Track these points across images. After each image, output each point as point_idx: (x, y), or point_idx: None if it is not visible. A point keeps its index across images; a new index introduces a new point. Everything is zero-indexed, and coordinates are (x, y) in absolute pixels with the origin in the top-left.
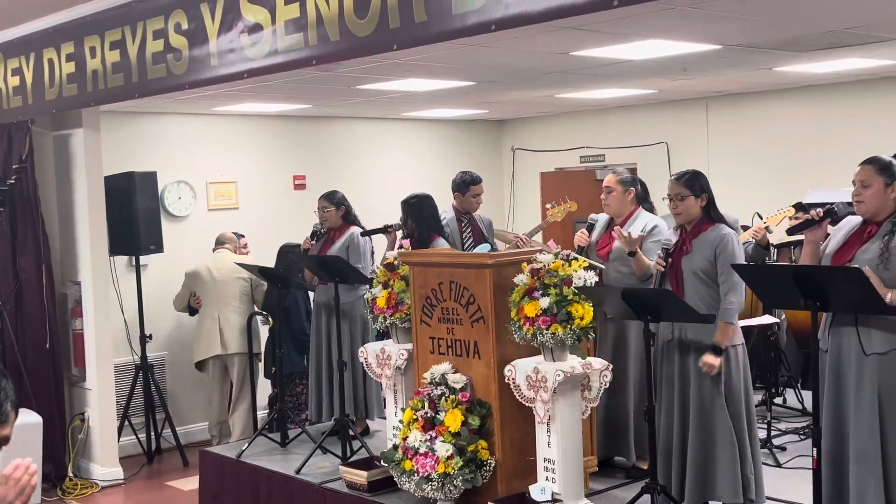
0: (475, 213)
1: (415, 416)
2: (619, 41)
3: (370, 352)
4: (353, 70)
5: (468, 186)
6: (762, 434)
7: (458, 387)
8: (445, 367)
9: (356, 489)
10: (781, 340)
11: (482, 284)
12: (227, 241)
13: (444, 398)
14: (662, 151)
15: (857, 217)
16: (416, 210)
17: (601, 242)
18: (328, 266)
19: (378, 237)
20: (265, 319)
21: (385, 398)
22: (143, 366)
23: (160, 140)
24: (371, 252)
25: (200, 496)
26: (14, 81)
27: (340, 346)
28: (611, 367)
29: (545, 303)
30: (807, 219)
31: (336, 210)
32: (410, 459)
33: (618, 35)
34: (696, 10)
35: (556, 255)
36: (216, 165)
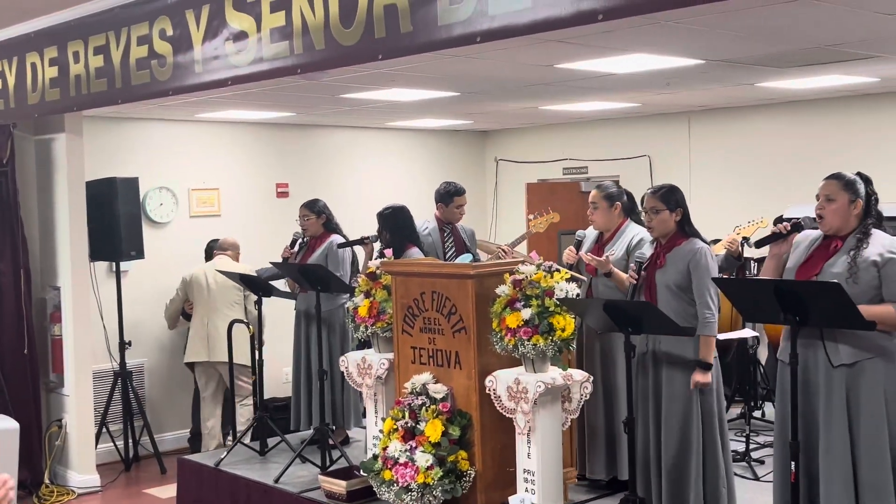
0: (458, 224)
1: (395, 426)
2: (604, 55)
3: (351, 361)
4: (338, 79)
5: (452, 197)
6: (741, 447)
7: (439, 397)
8: (426, 377)
9: (335, 499)
10: (760, 354)
11: (464, 295)
12: (229, 248)
13: (425, 408)
14: (645, 164)
15: (815, 232)
16: (391, 221)
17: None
18: (310, 274)
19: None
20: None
21: (365, 407)
22: (122, 372)
23: (143, 146)
24: (351, 261)
25: None
26: None
27: (321, 355)
28: (591, 379)
29: (527, 314)
30: (774, 232)
31: (317, 218)
32: (390, 469)
33: (602, 48)
34: (680, 26)
35: (539, 267)
36: (199, 172)
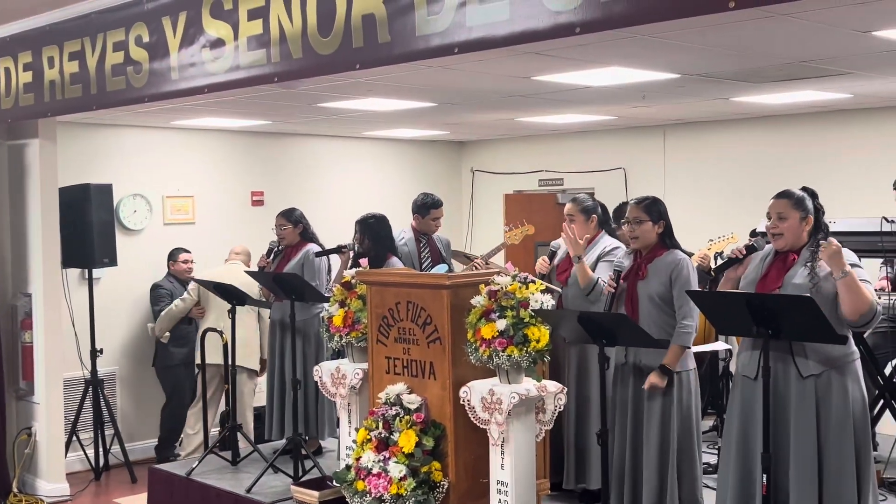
0: (434, 234)
1: (368, 437)
2: (580, 67)
3: (325, 371)
4: (315, 88)
5: (429, 209)
6: (713, 459)
7: (413, 407)
8: (400, 388)
9: None
10: (732, 367)
11: (439, 305)
12: (241, 252)
13: (399, 419)
14: (620, 177)
15: (765, 248)
16: (374, 230)
17: (561, 267)
18: (284, 283)
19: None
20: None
21: (338, 417)
22: (93, 380)
23: (117, 152)
24: (328, 270)
25: None
26: None
27: (295, 365)
28: (566, 391)
29: (502, 325)
30: (730, 258)
31: (294, 228)
32: (363, 480)
33: (579, 61)
34: (656, 40)
35: (514, 278)
36: (173, 179)
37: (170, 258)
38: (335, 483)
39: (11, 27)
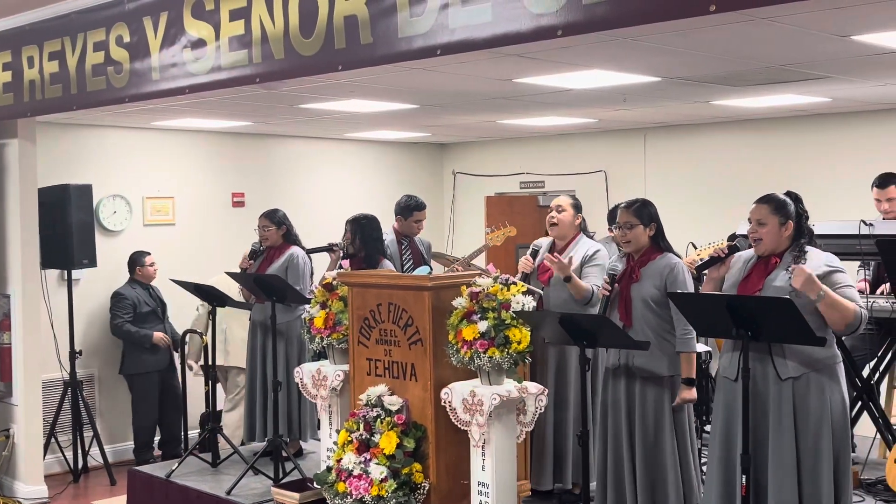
0: (415, 236)
1: (349, 438)
2: (562, 70)
3: (306, 372)
4: (296, 89)
5: (412, 211)
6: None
7: (394, 409)
8: (382, 389)
9: None
10: (712, 368)
11: (421, 307)
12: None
13: (380, 420)
14: (601, 179)
15: (749, 251)
16: (366, 230)
17: (542, 267)
18: (266, 285)
19: (321, 255)
20: (200, 336)
21: (320, 419)
22: (72, 382)
23: (97, 153)
24: (311, 273)
25: None
26: None
27: (276, 366)
28: (546, 392)
29: (483, 326)
30: (712, 256)
31: (277, 229)
32: (344, 481)
33: (560, 64)
34: (638, 43)
35: (495, 279)
36: (153, 180)
37: (135, 263)
38: (316, 485)
39: None
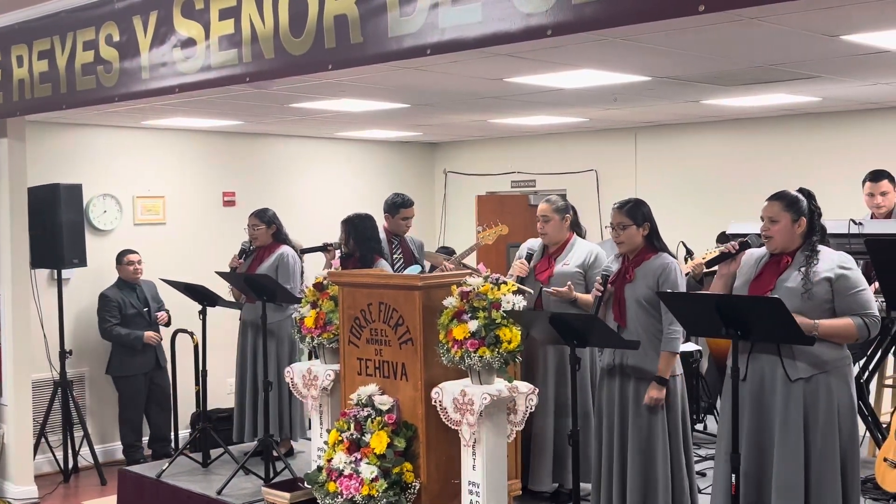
0: (407, 235)
1: (340, 438)
2: (552, 70)
3: (297, 372)
4: (287, 88)
5: (398, 209)
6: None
7: (385, 408)
8: (372, 389)
9: None
10: (702, 367)
11: (411, 306)
12: None
13: (371, 420)
14: (592, 179)
15: (761, 250)
16: (359, 230)
17: (540, 267)
18: (256, 284)
19: (315, 255)
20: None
21: (310, 419)
22: (62, 382)
23: (87, 152)
24: (301, 272)
25: None
26: None
27: (266, 366)
28: (537, 392)
29: (474, 326)
30: (722, 252)
31: (267, 228)
32: (335, 481)
33: (551, 63)
34: (628, 43)
35: (486, 279)
36: (144, 179)
37: (117, 261)
38: (306, 484)
39: None
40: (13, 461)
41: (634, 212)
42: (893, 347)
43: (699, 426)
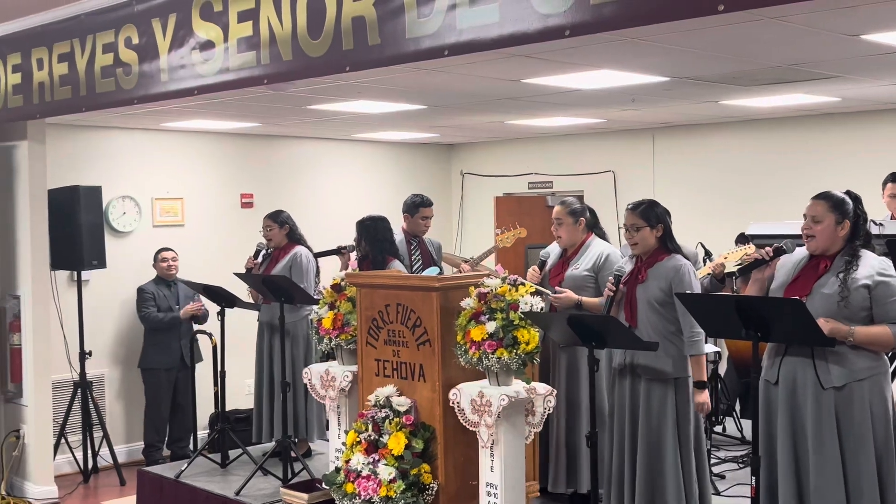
0: (425, 237)
1: (358, 439)
2: (570, 70)
3: (314, 373)
4: (305, 90)
5: (417, 208)
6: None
7: (403, 409)
8: (390, 390)
9: None
10: (721, 369)
11: (429, 307)
12: None
13: (388, 421)
14: (609, 180)
15: (799, 252)
16: (371, 232)
17: (554, 272)
18: (273, 285)
19: (331, 258)
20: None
21: (328, 420)
22: (82, 383)
23: (106, 154)
24: (315, 272)
25: None
26: None
27: (283, 367)
28: (555, 393)
29: (491, 327)
30: (756, 258)
31: (280, 229)
32: (353, 482)
33: (568, 64)
34: (646, 43)
35: (504, 280)
36: (163, 181)
37: (153, 259)
38: (325, 485)
39: (0, 28)
40: (33, 461)
41: (648, 213)
42: None
43: (718, 428)
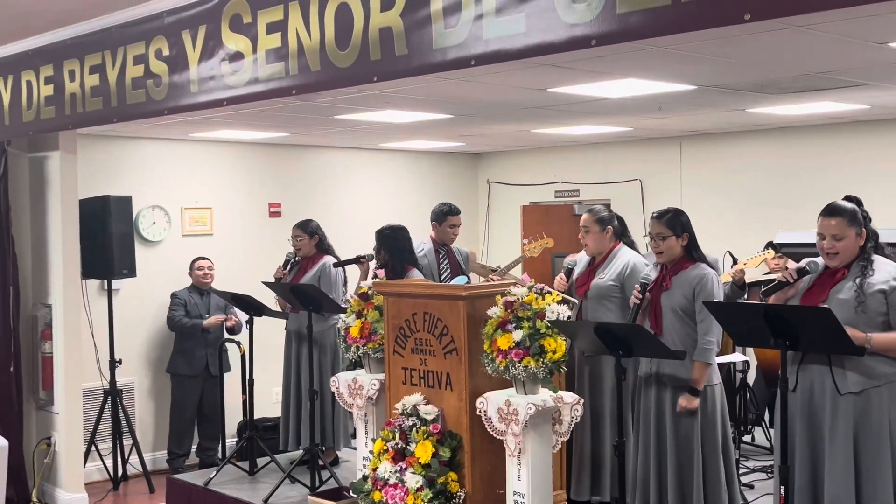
0: (453, 246)
1: (385, 447)
2: (596, 79)
3: (342, 381)
4: (332, 100)
5: (445, 216)
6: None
7: (430, 418)
8: (417, 398)
9: None
10: (750, 378)
11: (456, 316)
12: None
13: (416, 429)
14: (636, 188)
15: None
16: (390, 241)
17: (580, 281)
18: (302, 294)
19: (351, 267)
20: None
21: (355, 428)
22: (112, 391)
23: (136, 164)
24: (343, 282)
25: None
26: None
27: (311, 375)
28: (582, 402)
29: (518, 336)
30: (779, 281)
31: (310, 239)
32: (380, 490)
33: (595, 73)
34: (673, 52)
35: (530, 289)
36: (192, 191)
37: (189, 267)
38: (352, 493)
39: (33, 41)
40: (64, 469)
41: (673, 222)
42: None
43: (747, 438)
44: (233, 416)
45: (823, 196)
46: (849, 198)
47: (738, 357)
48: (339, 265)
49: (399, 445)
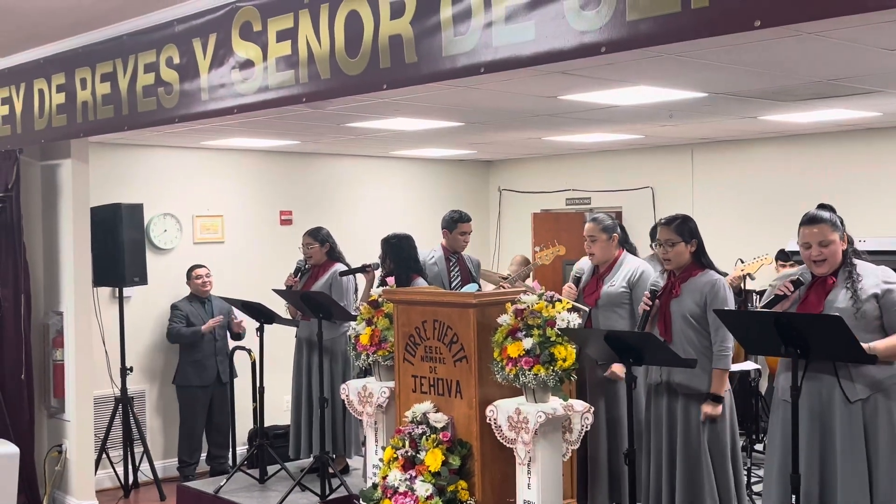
0: (464, 254)
1: (395, 455)
2: (607, 87)
3: (352, 389)
4: (343, 108)
5: (456, 224)
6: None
7: (440, 426)
8: (427, 406)
9: None
10: (761, 386)
11: (466, 324)
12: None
13: (425, 437)
14: (648, 196)
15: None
16: (396, 250)
17: (588, 289)
18: (312, 302)
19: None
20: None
21: (365, 436)
22: (123, 398)
23: (148, 172)
24: (354, 290)
25: None
26: (3, 111)
27: (322, 383)
28: (592, 410)
29: (528, 343)
30: (776, 295)
31: (320, 247)
32: (390, 498)
33: (606, 81)
34: (684, 59)
35: (540, 297)
36: (203, 199)
37: (187, 276)
38: (362, 501)
39: (45, 49)
40: (75, 476)
41: (682, 228)
42: None
43: (759, 446)
44: (243, 424)
45: (835, 204)
46: (823, 206)
47: (751, 365)
48: (345, 274)
49: (409, 453)
